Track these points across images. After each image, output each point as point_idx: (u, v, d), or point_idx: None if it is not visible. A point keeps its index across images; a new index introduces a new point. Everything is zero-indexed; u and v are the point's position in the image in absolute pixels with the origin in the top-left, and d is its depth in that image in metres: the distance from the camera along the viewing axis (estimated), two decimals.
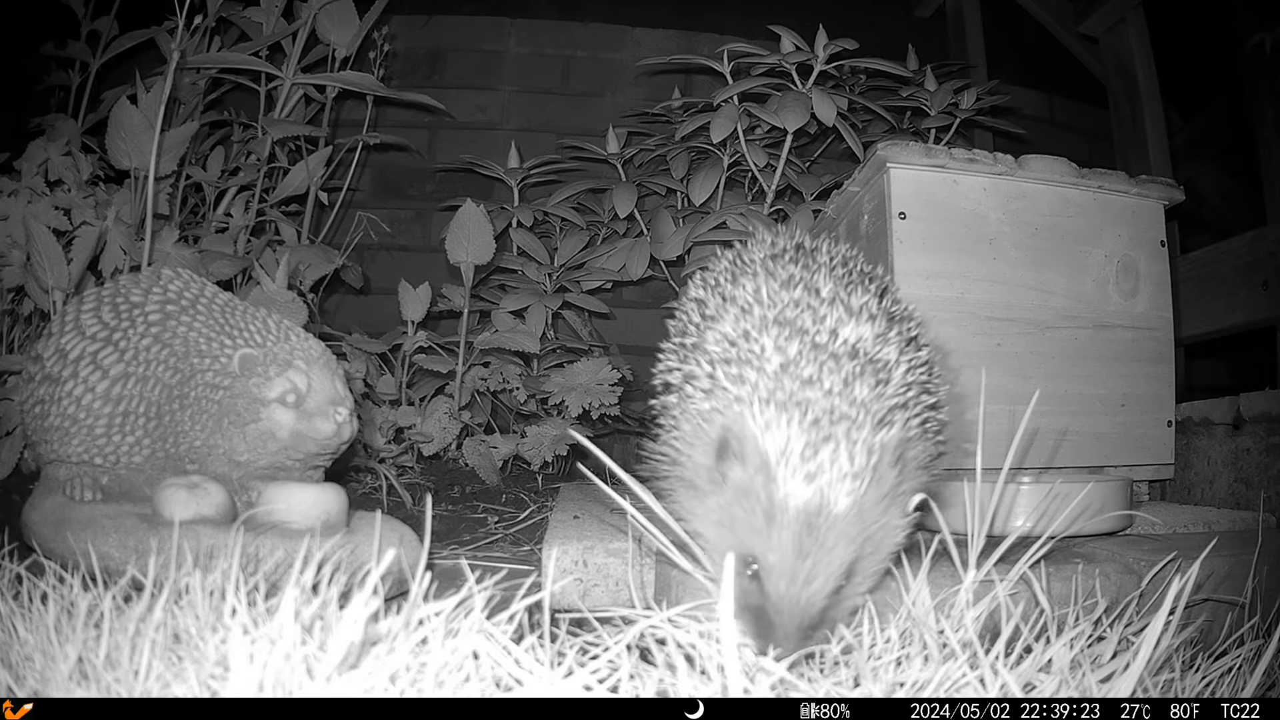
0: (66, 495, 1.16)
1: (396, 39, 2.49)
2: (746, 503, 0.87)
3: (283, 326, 1.25)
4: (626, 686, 0.74)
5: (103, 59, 2.24)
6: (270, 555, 1.00)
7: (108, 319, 1.22)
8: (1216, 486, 1.83)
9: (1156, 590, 1.10)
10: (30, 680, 0.72)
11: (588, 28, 3.00)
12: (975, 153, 1.60)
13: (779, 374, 0.92)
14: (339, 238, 2.36)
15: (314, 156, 2.12)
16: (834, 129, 2.04)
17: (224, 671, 0.69)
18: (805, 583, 0.84)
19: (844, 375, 0.91)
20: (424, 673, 0.71)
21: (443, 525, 1.55)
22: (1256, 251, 2.12)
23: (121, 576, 0.92)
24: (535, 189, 2.59)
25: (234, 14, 2.11)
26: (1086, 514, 1.30)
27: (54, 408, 1.19)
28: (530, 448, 2.01)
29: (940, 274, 1.56)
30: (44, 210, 1.67)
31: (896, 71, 2.20)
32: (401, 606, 0.75)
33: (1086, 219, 1.64)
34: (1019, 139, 2.50)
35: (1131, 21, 2.72)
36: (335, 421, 1.18)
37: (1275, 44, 2.22)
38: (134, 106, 1.65)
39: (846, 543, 0.85)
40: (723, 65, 2.13)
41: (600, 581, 1.20)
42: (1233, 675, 0.91)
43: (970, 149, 1.62)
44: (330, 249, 2.13)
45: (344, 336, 1.99)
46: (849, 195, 1.71)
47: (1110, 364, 1.63)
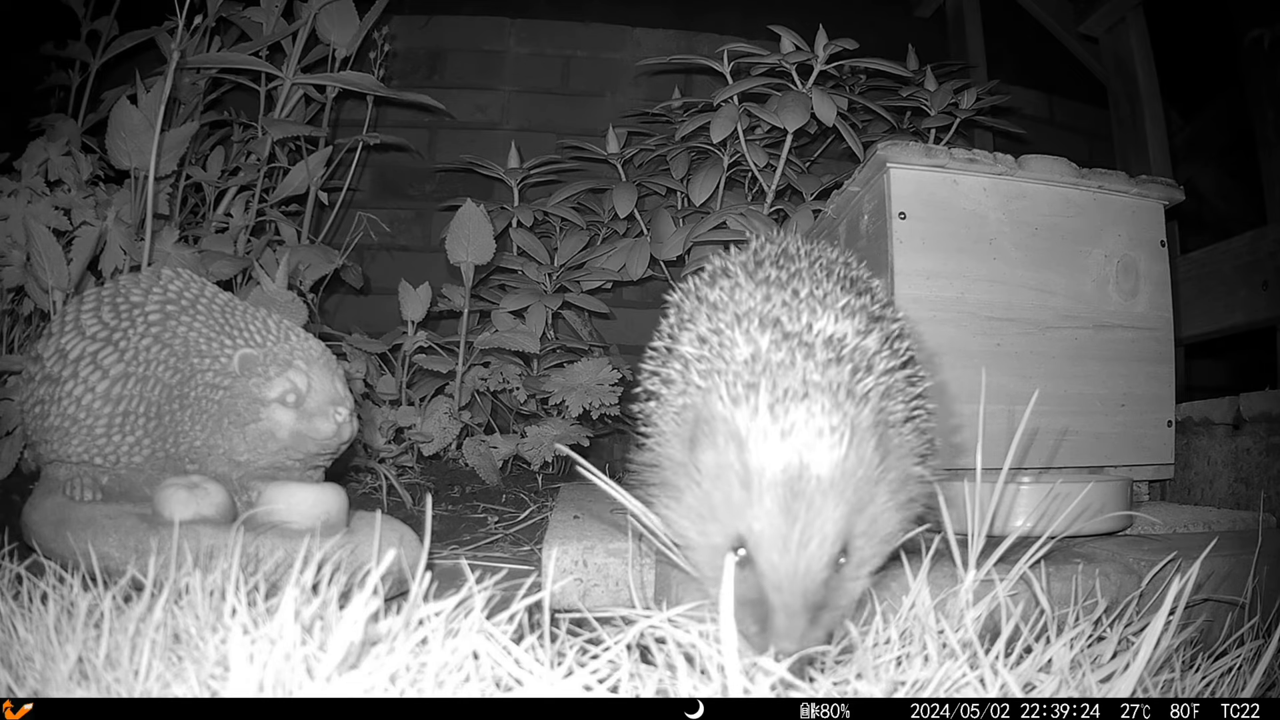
0: (66, 495, 1.16)
1: (396, 39, 2.49)
2: (722, 482, 0.82)
3: (283, 326, 1.25)
4: (626, 686, 0.74)
5: (103, 59, 2.24)
6: (270, 555, 1.01)
7: (108, 319, 1.22)
8: (1216, 486, 1.83)
9: (1156, 590, 1.10)
10: (30, 680, 0.72)
11: (588, 28, 3.00)
12: (975, 153, 1.60)
13: (749, 362, 0.89)
14: (339, 238, 2.36)
15: (314, 156, 2.12)
16: (834, 129, 2.04)
17: (224, 671, 0.69)
18: (800, 547, 0.78)
19: (819, 360, 0.88)
20: (424, 673, 0.71)
21: (443, 525, 1.55)
22: (1256, 251, 2.12)
23: (121, 576, 0.92)
24: (535, 189, 2.59)
25: (234, 14, 2.11)
26: (1086, 514, 1.30)
27: (54, 408, 1.19)
28: (530, 448, 2.01)
29: (940, 274, 1.56)
30: (44, 210, 1.67)
31: (896, 71, 2.20)
32: (401, 606, 0.75)
33: (1086, 219, 1.64)
34: (1019, 139, 2.50)
35: (1131, 21, 2.72)
36: (335, 421, 1.18)
37: (1274, 40, 2.22)
38: (134, 106, 1.65)
39: (834, 505, 0.79)
40: (723, 65, 2.13)
41: (600, 581, 1.20)
42: (1233, 675, 0.91)
43: (970, 149, 1.62)
44: (330, 249, 2.13)
45: (344, 336, 1.99)
46: (849, 195, 1.71)
47: (1110, 364, 1.63)
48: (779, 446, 0.80)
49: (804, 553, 0.78)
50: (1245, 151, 2.62)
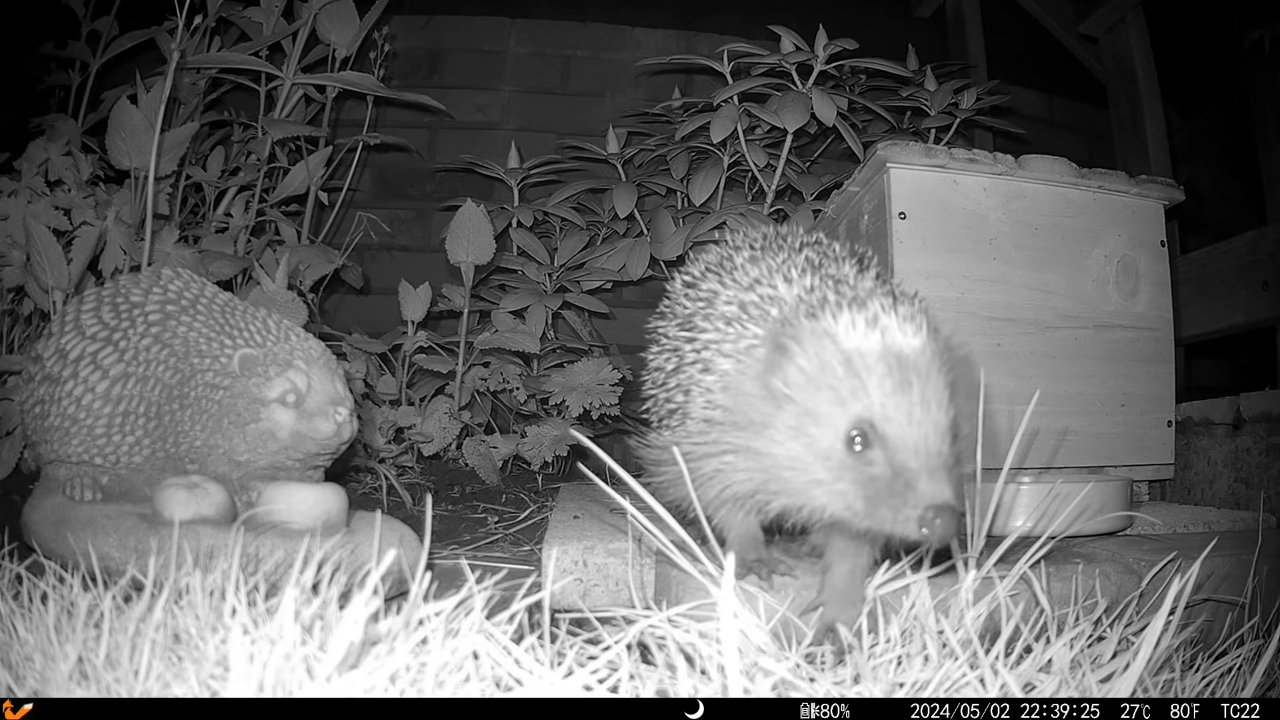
0: (66, 495, 1.16)
1: (396, 39, 2.49)
2: (823, 379, 0.82)
3: (283, 326, 1.25)
4: (626, 686, 0.74)
5: (103, 59, 2.24)
6: (270, 555, 1.00)
7: (108, 319, 1.22)
8: (1216, 486, 1.83)
9: (1156, 590, 1.10)
10: (30, 680, 0.72)
11: (588, 28, 3.00)
12: (975, 153, 1.60)
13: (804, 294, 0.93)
14: (339, 238, 2.36)
15: (314, 156, 2.12)
16: (834, 129, 2.04)
17: (224, 671, 0.69)
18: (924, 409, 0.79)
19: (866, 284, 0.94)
20: (424, 673, 0.71)
21: (443, 525, 1.55)
22: (1256, 251, 2.12)
23: (121, 576, 0.92)
24: (535, 189, 2.59)
25: (234, 14, 2.11)
26: (1086, 514, 1.30)
27: (54, 408, 1.19)
28: (530, 448, 2.01)
29: (940, 274, 1.56)
30: (44, 210, 1.67)
31: (896, 71, 2.20)
32: (401, 606, 0.75)
33: (1086, 219, 1.64)
34: (1019, 139, 2.50)
35: (1131, 21, 2.72)
36: (335, 421, 1.18)
37: (1274, 41, 2.22)
38: (134, 106, 1.65)
39: (939, 375, 0.81)
40: (723, 65, 2.13)
41: (600, 581, 1.20)
42: (1233, 675, 0.91)
43: (970, 149, 1.62)
44: (330, 249, 2.13)
45: (344, 336, 1.99)
46: (849, 195, 1.71)
47: (1110, 364, 1.63)
48: (871, 332, 0.82)
49: (929, 415, 0.80)
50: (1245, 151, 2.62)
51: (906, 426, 0.79)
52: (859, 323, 0.83)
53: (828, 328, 0.83)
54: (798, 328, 0.85)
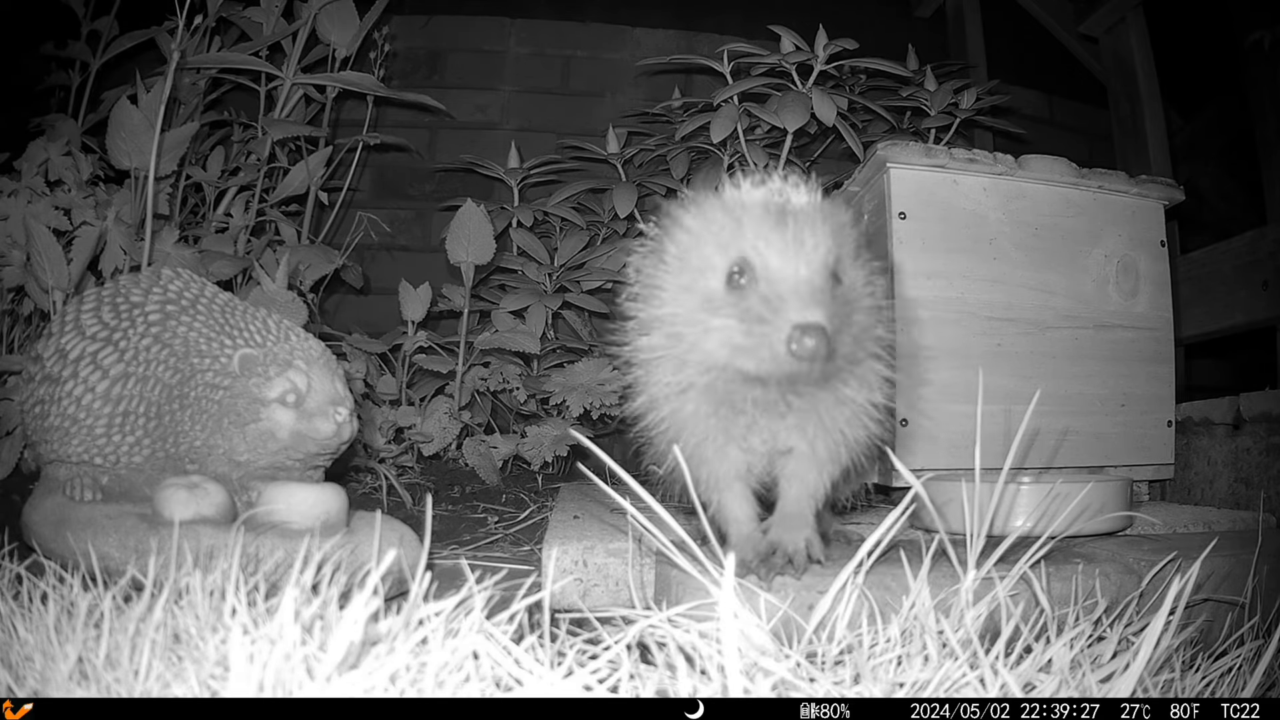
0: (66, 495, 1.16)
1: (396, 39, 2.49)
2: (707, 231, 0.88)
3: (283, 326, 1.25)
4: (626, 686, 0.74)
5: (103, 59, 2.24)
6: (270, 555, 1.00)
7: (108, 319, 1.22)
8: (1216, 486, 1.83)
9: (1156, 590, 1.10)
10: (30, 680, 0.72)
11: (588, 28, 3.00)
12: (975, 153, 1.60)
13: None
14: (339, 238, 2.36)
15: (314, 156, 2.12)
16: (834, 129, 2.04)
17: (224, 671, 0.69)
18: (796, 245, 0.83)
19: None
20: (424, 673, 0.71)
21: (443, 525, 1.55)
22: (1256, 251, 2.12)
23: (121, 576, 0.92)
24: (535, 189, 2.59)
25: (234, 14, 2.11)
26: (1086, 514, 1.30)
27: (54, 408, 1.19)
28: (530, 448, 2.01)
29: (941, 274, 1.56)
30: (44, 210, 1.67)
31: (896, 71, 2.19)
32: (401, 606, 0.75)
33: (1086, 219, 1.64)
34: (1019, 139, 2.50)
35: (1131, 21, 2.72)
36: (335, 421, 1.18)
37: (1275, 42, 2.22)
38: (134, 106, 1.65)
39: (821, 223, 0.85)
40: (723, 65, 2.13)
41: (600, 581, 1.20)
42: (1233, 675, 0.91)
43: (970, 149, 1.62)
44: (330, 249, 2.13)
45: (344, 336, 1.99)
46: (849, 195, 1.71)
47: (1110, 364, 1.63)
48: (759, 189, 0.88)
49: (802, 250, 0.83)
50: (1245, 151, 2.62)
51: (779, 258, 0.83)
52: (747, 186, 0.89)
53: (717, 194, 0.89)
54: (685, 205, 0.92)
